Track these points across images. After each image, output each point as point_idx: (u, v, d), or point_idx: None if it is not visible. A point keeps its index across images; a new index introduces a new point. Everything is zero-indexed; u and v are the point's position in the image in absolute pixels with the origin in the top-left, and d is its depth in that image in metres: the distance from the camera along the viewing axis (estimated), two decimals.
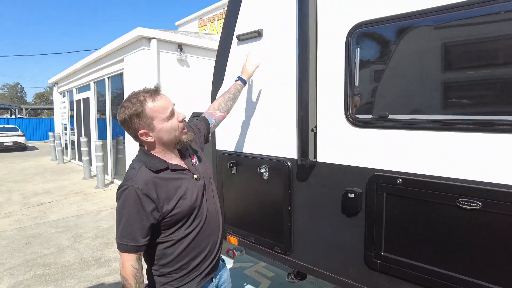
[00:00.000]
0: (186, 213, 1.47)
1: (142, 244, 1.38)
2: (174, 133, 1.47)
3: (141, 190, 1.36)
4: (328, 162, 1.84)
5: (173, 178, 1.47)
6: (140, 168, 1.44)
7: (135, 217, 1.36)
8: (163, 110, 1.42)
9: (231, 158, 2.37)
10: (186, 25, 15.26)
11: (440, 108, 1.47)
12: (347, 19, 1.68)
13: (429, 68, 1.50)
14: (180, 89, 7.18)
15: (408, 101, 1.58)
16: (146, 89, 1.46)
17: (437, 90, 1.49)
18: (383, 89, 1.65)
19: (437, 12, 1.41)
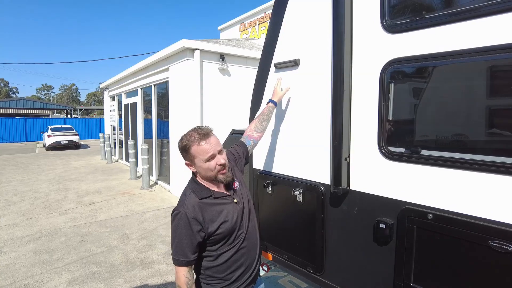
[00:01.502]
0: (227, 233, 1.74)
1: (192, 259, 1.68)
2: (210, 173, 1.73)
3: (190, 214, 1.65)
4: (360, 191, 1.90)
5: (216, 203, 1.75)
6: (190, 195, 1.75)
7: (186, 237, 1.65)
8: (203, 153, 1.69)
9: (267, 178, 2.49)
10: (228, 30, 15.64)
11: (471, 147, 1.49)
12: (382, 55, 1.73)
13: (462, 107, 1.52)
14: (222, 96, 7.45)
15: (441, 138, 1.60)
16: (201, 130, 1.75)
17: (468, 130, 1.50)
18: (417, 124, 1.69)
19: (470, 54, 1.43)
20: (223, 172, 1.74)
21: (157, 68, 8.79)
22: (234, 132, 3.19)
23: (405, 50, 1.64)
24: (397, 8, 1.69)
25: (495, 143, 1.44)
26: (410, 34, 1.62)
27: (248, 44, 10.17)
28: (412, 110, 1.70)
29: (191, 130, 1.77)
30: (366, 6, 1.78)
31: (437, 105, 1.61)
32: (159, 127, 9.56)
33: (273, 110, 2.31)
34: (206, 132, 1.73)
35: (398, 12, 1.69)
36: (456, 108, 1.55)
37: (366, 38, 1.80)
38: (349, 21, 1.83)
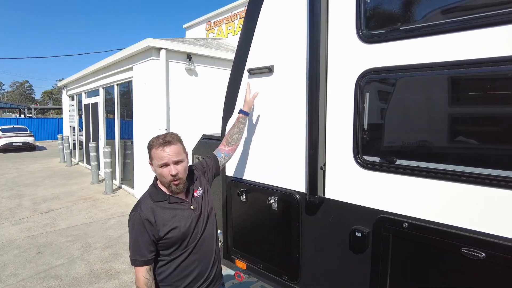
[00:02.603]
0: (178, 239, 1.76)
1: (149, 258, 1.72)
2: (163, 179, 1.77)
3: (143, 215, 1.71)
4: (336, 200, 1.90)
5: (170, 208, 1.79)
6: (145, 198, 1.81)
7: (141, 237, 1.70)
8: (159, 158, 1.73)
9: (240, 186, 2.44)
10: (193, 28, 15.35)
11: (446, 158, 1.52)
12: (357, 64, 1.73)
13: (436, 118, 1.56)
14: (189, 97, 7.28)
15: (416, 148, 1.63)
16: (167, 136, 1.78)
17: (442, 140, 1.54)
18: (392, 134, 1.71)
19: (444, 67, 1.46)
20: (175, 182, 1.76)
21: (120, 67, 8.42)
22: (205, 137, 3.11)
23: (381, 60, 1.65)
24: (372, 19, 1.70)
25: (468, 154, 1.48)
26: (386, 45, 1.63)
27: (215, 44, 10.03)
28: (387, 120, 1.72)
29: (162, 135, 1.81)
30: (342, 16, 1.78)
31: (411, 116, 1.64)
32: (123, 128, 9.18)
33: (245, 121, 2.30)
34: (169, 140, 1.75)
35: (373, 23, 1.70)
36: (430, 119, 1.58)
37: (342, 47, 1.80)
38: (325, 30, 1.82)
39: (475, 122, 1.48)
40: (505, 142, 1.38)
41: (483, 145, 1.45)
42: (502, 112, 1.40)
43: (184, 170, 1.80)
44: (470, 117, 1.49)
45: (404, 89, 1.66)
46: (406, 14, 1.62)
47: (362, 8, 1.70)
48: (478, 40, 1.36)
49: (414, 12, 1.59)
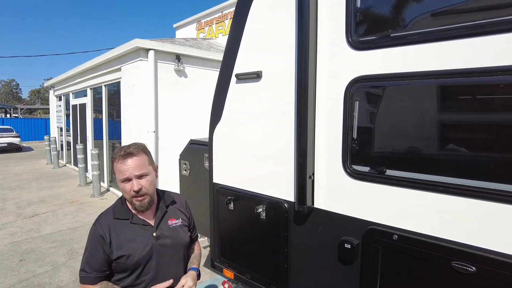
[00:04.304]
0: (131, 265, 1.60)
1: (97, 277, 1.57)
2: (125, 195, 1.63)
3: (100, 231, 1.59)
4: (325, 210, 1.86)
5: (130, 229, 1.63)
6: (108, 212, 1.68)
7: (95, 253, 1.57)
8: (119, 173, 1.59)
9: (228, 194, 2.37)
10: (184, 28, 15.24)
11: (437, 169, 1.49)
12: (347, 72, 1.69)
13: (427, 128, 1.52)
14: (178, 98, 7.18)
15: (406, 159, 1.59)
16: (130, 148, 1.62)
17: (434, 151, 1.51)
18: (382, 144, 1.67)
19: (435, 76, 1.43)
20: (138, 198, 1.60)
21: (108, 67, 8.27)
22: (193, 143, 3.03)
23: (371, 68, 1.61)
24: (363, 25, 1.66)
25: (459, 165, 1.45)
26: (376, 52, 1.59)
27: (205, 44, 9.95)
28: (377, 130, 1.68)
29: (127, 145, 1.67)
30: (332, 21, 1.73)
31: (402, 126, 1.60)
32: (111, 128, 9.02)
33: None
34: (131, 151, 1.59)
35: (364, 29, 1.65)
36: (420, 129, 1.54)
37: (331, 54, 1.75)
38: (314, 36, 1.77)
39: (467, 132, 1.44)
40: (496, 154, 1.35)
41: (474, 157, 1.42)
42: (494, 123, 1.37)
43: (150, 185, 1.63)
44: (462, 128, 1.46)
45: (394, 97, 1.62)
46: (397, 20, 1.58)
47: (352, 14, 1.66)
48: (469, 49, 1.32)
49: (405, 19, 1.55)
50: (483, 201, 1.34)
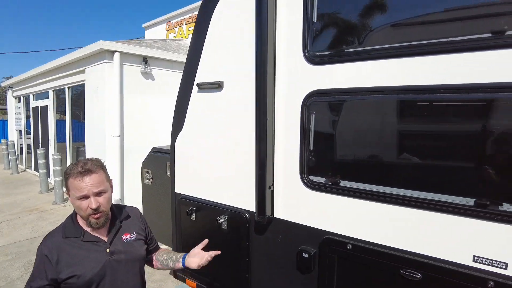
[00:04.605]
0: (83, 284, 1.54)
1: None
2: (80, 212, 1.57)
3: (45, 250, 1.52)
4: (284, 219, 1.89)
5: (81, 247, 1.58)
6: (58, 230, 1.61)
7: (37, 274, 1.52)
8: (76, 190, 1.52)
9: (190, 204, 2.35)
10: (153, 28, 14.94)
11: (388, 181, 1.55)
12: (304, 85, 1.73)
13: (379, 141, 1.59)
14: (145, 102, 7.01)
15: (359, 171, 1.65)
16: (87, 164, 1.57)
17: (386, 163, 1.57)
18: (337, 156, 1.72)
19: (387, 92, 1.49)
20: (95, 216, 1.56)
21: (72, 69, 7.94)
22: (155, 151, 2.98)
23: (326, 82, 1.65)
24: (318, 40, 1.70)
25: (409, 178, 1.52)
26: (331, 67, 1.64)
27: (174, 45, 9.80)
28: (332, 142, 1.74)
29: (83, 159, 1.63)
30: (290, 36, 1.77)
31: (355, 139, 1.66)
32: (76, 130, 8.68)
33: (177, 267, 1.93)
34: (89, 168, 1.54)
35: (319, 44, 1.70)
36: (373, 142, 1.61)
37: (289, 68, 1.79)
38: (272, 49, 1.80)
39: (416, 146, 1.52)
40: (445, 167, 1.43)
41: (422, 169, 1.49)
42: (442, 138, 1.45)
43: (107, 202, 1.61)
44: (412, 142, 1.54)
45: (348, 111, 1.68)
46: (351, 37, 1.64)
47: (308, 29, 1.70)
48: (418, 67, 1.40)
49: (359, 36, 1.61)
50: (429, 211, 1.41)
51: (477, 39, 1.25)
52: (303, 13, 1.69)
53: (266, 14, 1.75)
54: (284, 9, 1.77)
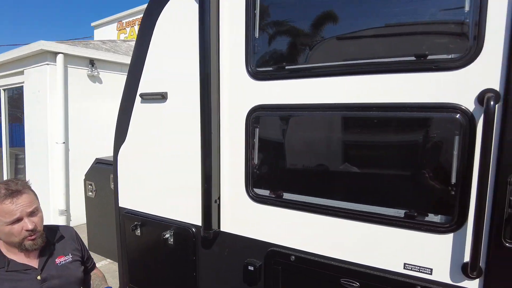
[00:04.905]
0: None
1: None
2: (13, 238, 1.44)
3: None
4: (231, 233, 1.88)
5: (6, 278, 1.44)
6: None
7: None
8: (6, 215, 1.40)
9: (135, 219, 2.26)
10: (103, 27, 14.29)
11: (329, 193, 1.61)
12: (247, 100, 1.74)
13: (320, 155, 1.64)
14: (93, 107, 6.66)
15: (302, 183, 1.69)
16: (12, 184, 1.45)
17: (327, 176, 1.63)
18: (280, 169, 1.75)
19: (325, 109, 1.55)
20: (31, 238, 1.46)
21: (8, 70, 7.32)
22: (99, 162, 2.84)
23: (269, 98, 1.68)
24: (261, 56, 1.72)
25: (347, 191, 1.59)
26: (273, 83, 1.66)
27: (125, 47, 9.42)
28: (276, 155, 1.77)
29: (6, 180, 1.50)
30: (233, 50, 1.77)
31: (297, 152, 1.70)
32: (15, 135, 8.01)
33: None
34: (17, 189, 1.43)
35: (262, 60, 1.72)
36: (313, 156, 1.66)
37: (233, 82, 1.79)
38: (216, 63, 1.79)
39: (354, 161, 1.58)
40: (379, 181, 1.51)
41: (359, 183, 1.57)
42: (378, 154, 1.53)
43: (42, 221, 1.52)
44: (350, 157, 1.60)
45: (291, 126, 1.72)
46: (292, 55, 1.67)
47: (251, 45, 1.71)
48: (351, 86, 1.46)
49: (300, 54, 1.66)
50: (366, 223, 1.49)
51: (403, 61, 1.34)
52: (245, 28, 1.70)
53: (209, 27, 1.73)
54: (227, 24, 1.77)
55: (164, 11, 2.02)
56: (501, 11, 1.16)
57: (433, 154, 1.36)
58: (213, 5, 1.73)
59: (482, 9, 1.18)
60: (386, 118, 1.41)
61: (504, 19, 1.16)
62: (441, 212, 1.36)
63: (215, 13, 1.74)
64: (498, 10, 1.17)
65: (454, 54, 1.26)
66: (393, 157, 1.47)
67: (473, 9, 1.20)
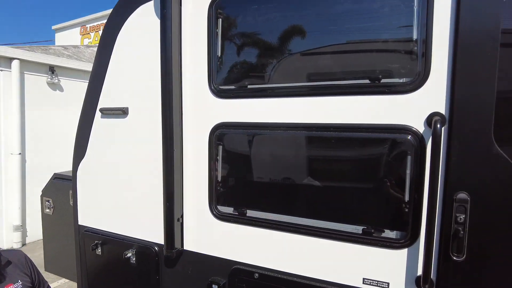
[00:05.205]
0: None
1: None
2: None
3: None
4: (194, 251, 1.86)
5: None
6: None
7: None
8: None
9: (95, 238, 2.18)
10: (65, 31, 13.79)
11: (291, 210, 1.63)
12: (211, 117, 1.74)
13: (281, 173, 1.67)
14: (53, 116, 6.35)
15: (265, 201, 1.71)
16: None
17: (289, 194, 1.66)
18: (243, 187, 1.77)
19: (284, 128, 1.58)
20: None
21: None
22: (57, 177, 2.71)
23: (231, 116, 1.69)
24: (223, 75, 1.73)
25: (311, 208, 1.62)
26: (236, 101, 1.68)
27: (88, 53, 9.12)
28: (239, 173, 1.77)
29: None
30: (196, 68, 1.77)
31: (260, 170, 1.72)
32: None
33: None
34: None
35: (224, 79, 1.73)
36: (276, 173, 1.68)
37: (196, 99, 1.78)
38: (178, 80, 1.77)
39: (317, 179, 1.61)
40: (342, 199, 1.56)
41: (320, 200, 1.60)
42: (339, 172, 1.58)
43: None
44: (311, 174, 1.64)
45: (253, 144, 1.73)
46: (254, 75, 1.70)
47: (213, 63, 1.72)
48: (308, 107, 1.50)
49: (262, 74, 1.68)
50: (327, 239, 1.52)
51: (358, 85, 1.40)
52: (207, 46, 1.70)
53: (171, 44, 1.72)
54: (190, 41, 1.77)
55: (125, 25, 1.98)
56: (444, 43, 1.26)
57: (388, 172, 1.42)
58: (175, 22, 1.72)
59: (428, 39, 1.26)
60: (344, 138, 1.46)
61: (447, 49, 1.25)
62: (396, 228, 1.42)
63: (177, 30, 1.74)
64: (441, 41, 1.26)
65: (406, 79, 1.34)
66: (351, 175, 1.52)
67: (420, 39, 1.28)
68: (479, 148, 1.23)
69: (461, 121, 1.24)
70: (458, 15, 1.23)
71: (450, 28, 1.25)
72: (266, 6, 1.59)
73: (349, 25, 1.45)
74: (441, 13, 1.26)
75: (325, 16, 1.49)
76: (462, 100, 1.24)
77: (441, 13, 1.26)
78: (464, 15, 1.22)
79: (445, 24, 1.26)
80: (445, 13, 1.26)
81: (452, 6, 1.24)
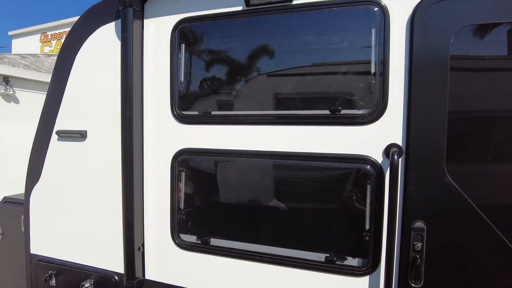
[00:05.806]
0: None
1: None
2: None
3: None
4: (156, 281, 1.79)
5: None
6: None
7: None
8: None
9: (49, 268, 2.03)
10: (23, 38, 13.15)
11: (255, 239, 1.62)
12: (173, 143, 1.70)
13: (245, 201, 1.65)
14: (6, 129, 5.97)
15: (228, 229, 1.68)
16: None
17: (252, 222, 1.64)
18: (206, 215, 1.73)
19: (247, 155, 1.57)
20: None
21: None
22: (7, 201, 2.52)
23: (195, 141, 1.66)
24: (186, 100, 1.70)
25: (274, 236, 1.61)
26: (199, 127, 1.65)
27: (48, 62, 8.72)
28: (202, 200, 1.74)
29: None
30: (158, 93, 1.72)
31: (224, 197, 1.69)
32: None
33: None
34: None
35: (187, 104, 1.70)
36: (239, 201, 1.66)
37: (158, 124, 1.73)
38: (139, 104, 1.72)
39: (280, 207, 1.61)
40: (304, 227, 1.56)
41: (285, 229, 1.60)
42: (302, 201, 1.58)
43: None
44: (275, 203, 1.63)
45: (216, 171, 1.71)
46: (217, 101, 1.68)
47: (176, 88, 1.69)
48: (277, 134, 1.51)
49: (225, 101, 1.67)
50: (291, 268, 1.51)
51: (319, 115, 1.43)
52: (170, 71, 1.67)
53: (132, 67, 1.67)
54: (152, 65, 1.72)
55: (84, 45, 1.90)
56: (400, 77, 1.31)
57: (349, 201, 1.45)
58: (137, 46, 1.68)
59: (385, 73, 1.32)
60: (306, 167, 1.47)
61: (402, 82, 1.31)
62: (358, 255, 1.44)
63: (138, 54, 1.69)
64: (397, 75, 1.31)
65: (365, 110, 1.38)
66: (314, 203, 1.54)
67: (378, 73, 1.33)
68: (433, 178, 1.28)
69: (416, 152, 1.29)
70: (411, 51, 1.29)
71: (405, 62, 1.31)
72: (228, 33, 1.59)
73: (310, 56, 1.48)
74: (396, 49, 1.32)
75: (287, 46, 1.51)
76: (417, 132, 1.29)
77: (396, 49, 1.32)
78: (417, 50, 1.29)
79: (400, 59, 1.32)
80: (400, 48, 1.31)
81: (406, 42, 1.30)
